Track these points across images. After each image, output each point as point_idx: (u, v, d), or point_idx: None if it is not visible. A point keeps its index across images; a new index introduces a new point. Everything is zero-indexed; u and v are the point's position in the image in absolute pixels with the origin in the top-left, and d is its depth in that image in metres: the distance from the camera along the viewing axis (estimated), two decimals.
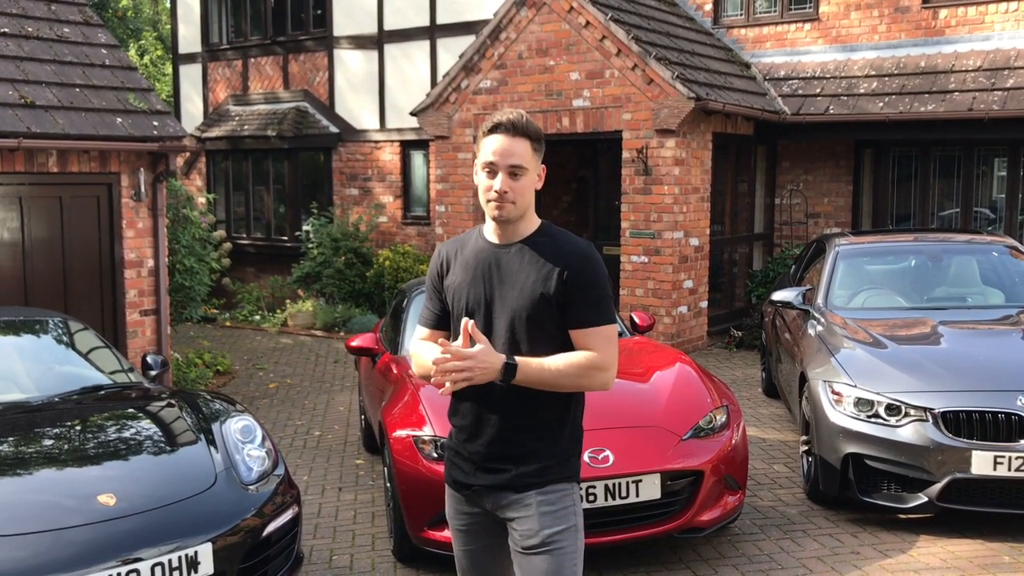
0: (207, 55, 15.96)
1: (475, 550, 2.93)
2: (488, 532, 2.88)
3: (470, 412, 2.81)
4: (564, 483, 2.79)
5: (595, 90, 10.53)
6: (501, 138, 2.73)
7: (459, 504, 2.91)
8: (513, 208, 2.74)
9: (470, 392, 2.78)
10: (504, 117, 2.75)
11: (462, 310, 2.81)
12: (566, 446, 2.81)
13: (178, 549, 3.71)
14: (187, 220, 10.42)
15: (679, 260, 10.35)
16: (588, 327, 2.72)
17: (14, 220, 7.89)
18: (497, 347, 2.73)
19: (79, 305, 8.05)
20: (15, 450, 4.29)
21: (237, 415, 4.64)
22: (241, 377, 10.02)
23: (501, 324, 2.76)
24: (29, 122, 7.67)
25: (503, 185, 2.72)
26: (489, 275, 2.79)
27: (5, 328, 5.61)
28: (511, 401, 2.75)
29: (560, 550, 2.74)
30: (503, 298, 2.76)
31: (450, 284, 2.87)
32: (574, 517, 2.80)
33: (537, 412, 2.76)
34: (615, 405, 4.97)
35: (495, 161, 2.73)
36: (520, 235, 2.80)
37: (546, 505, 2.75)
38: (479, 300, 2.79)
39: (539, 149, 2.78)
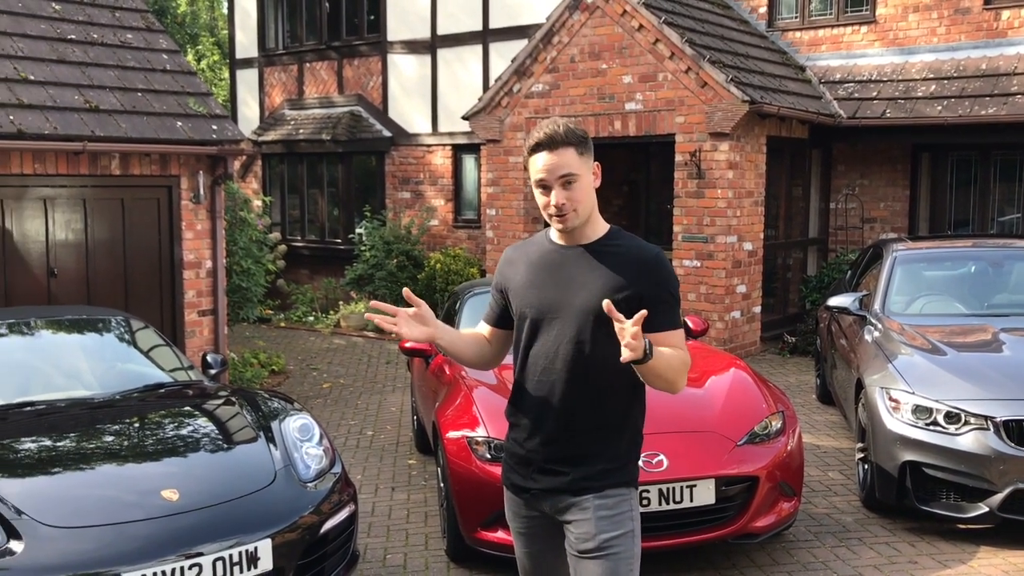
0: (263, 60, 16.22)
1: (536, 552, 2.94)
2: (548, 534, 2.89)
3: (531, 412, 2.82)
4: (622, 488, 2.78)
5: (648, 93, 10.49)
6: (544, 155, 2.73)
7: (518, 507, 2.92)
8: (576, 216, 2.75)
9: (531, 392, 2.80)
10: (541, 134, 2.74)
11: (524, 309, 2.83)
12: (626, 450, 2.81)
13: (238, 544, 3.78)
14: (244, 222, 10.61)
15: (732, 265, 10.27)
16: (665, 330, 2.70)
17: (78, 221, 8.10)
18: (563, 348, 2.74)
19: (139, 305, 8.23)
20: (78, 446, 4.41)
21: (295, 413, 4.71)
22: (295, 377, 10.16)
23: (568, 326, 2.75)
24: (93, 126, 7.87)
25: (559, 198, 2.72)
26: (556, 277, 2.80)
27: (70, 326, 5.76)
28: (573, 402, 2.75)
29: (616, 555, 2.73)
30: (570, 300, 2.75)
31: (515, 286, 2.88)
32: (631, 522, 2.78)
33: (599, 414, 2.76)
34: (670, 410, 4.94)
35: (545, 178, 2.73)
36: (588, 238, 2.80)
37: (604, 509, 2.74)
38: (545, 302, 2.80)
39: (585, 151, 2.77)
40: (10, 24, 8.39)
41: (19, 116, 7.52)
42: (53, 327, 5.68)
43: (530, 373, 2.82)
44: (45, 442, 4.39)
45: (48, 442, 4.39)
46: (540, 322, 2.79)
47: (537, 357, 2.80)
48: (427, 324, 2.80)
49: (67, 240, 8.03)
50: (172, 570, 3.60)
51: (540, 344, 2.79)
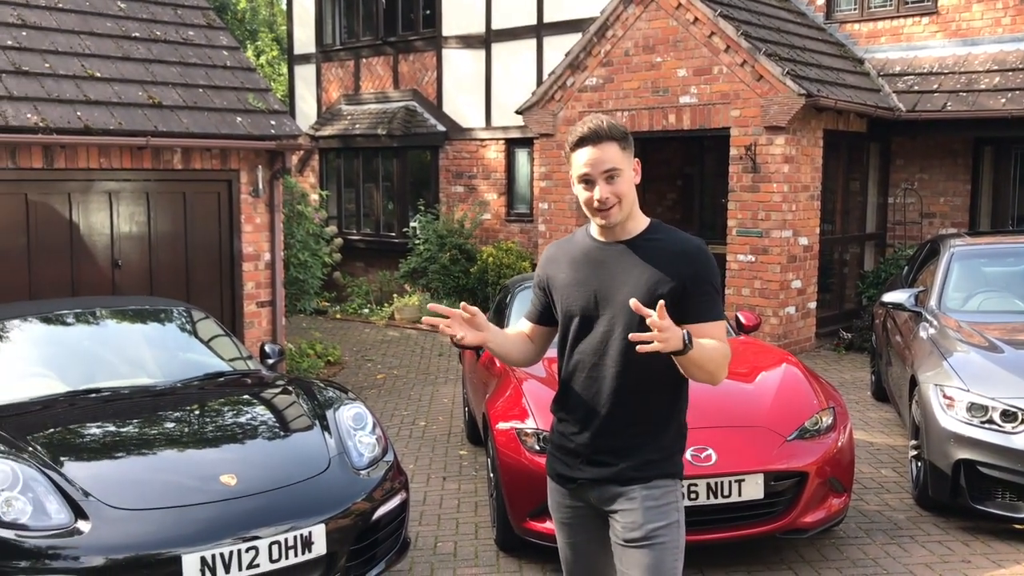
0: (321, 56, 16.45)
1: (578, 542, 2.98)
2: (591, 525, 2.92)
3: (579, 407, 2.85)
4: (668, 479, 2.82)
5: (702, 87, 10.44)
6: (588, 149, 2.76)
7: (562, 497, 2.96)
8: (618, 211, 2.78)
9: (579, 388, 2.84)
10: (585, 128, 2.78)
11: (570, 307, 2.86)
12: (671, 441, 2.84)
13: (293, 529, 3.89)
14: (301, 216, 10.79)
15: (787, 259, 10.18)
16: (707, 322, 2.73)
17: (142, 215, 8.33)
18: (610, 344, 2.78)
19: (200, 296, 8.44)
20: (141, 432, 4.57)
21: (349, 402, 4.82)
22: (350, 368, 10.33)
23: (614, 322, 2.78)
24: (156, 121, 8.09)
25: (603, 192, 2.75)
26: (599, 274, 2.82)
27: (133, 316, 5.94)
28: (620, 397, 2.78)
29: (662, 545, 2.76)
30: (615, 296, 2.78)
31: (558, 284, 2.91)
32: (677, 513, 2.82)
33: (645, 407, 2.79)
34: (719, 404, 4.97)
35: (589, 172, 2.76)
36: (629, 233, 2.83)
37: (651, 500, 2.77)
38: (588, 297, 2.83)
39: (627, 147, 2.80)
40: (78, 23, 8.65)
41: (86, 112, 7.76)
42: (118, 317, 5.86)
43: (577, 369, 2.85)
44: (110, 428, 4.56)
45: (113, 428, 4.56)
46: (586, 319, 2.83)
47: (584, 354, 2.83)
48: (480, 329, 2.85)
49: (131, 232, 8.26)
50: (229, 552, 3.73)
51: (587, 341, 2.83)
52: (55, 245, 7.79)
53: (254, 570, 3.76)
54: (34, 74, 7.82)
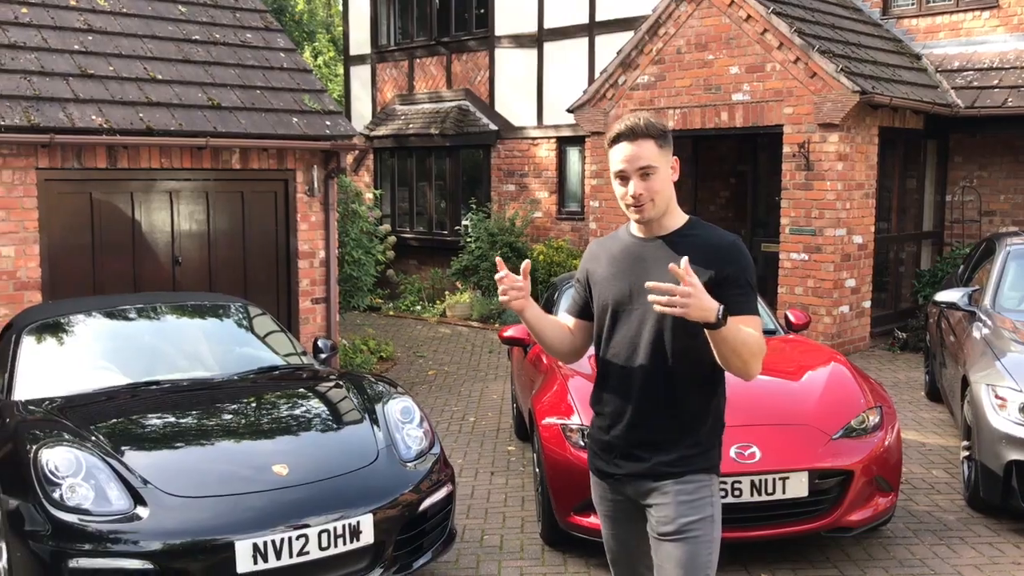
0: (376, 56, 16.66)
1: (620, 534, 3.03)
2: (632, 518, 2.97)
3: (613, 400, 2.90)
4: (703, 474, 2.84)
5: (755, 84, 10.38)
6: (625, 145, 2.81)
7: (604, 491, 3.01)
8: (653, 207, 2.82)
9: (614, 381, 2.89)
10: (623, 126, 2.82)
11: (605, 300, 2.92)
12: (707, 437, 2.86)
13: (342, 518, 4.01)
14: (355, 214, 10.96)
15: (841, 258, 10.07)
16: (741, 315, 2.73)
17: (201, 213, 8.56)
18: (643, 338, 2.82)
19: (257, 292, 8.64)
20: (198, 422, 4.73)
21: (398, 396, 4.93)
22: (402, 364, 10.48)
23: (649, 316, 2.80)
24: (215, 122, 8.31)
25: (637, 189, 2.80)
26: (636, 269, 2.86)
27: (192, 311, 6.13)
28: (654, 390, 2.82)
29: (695, 539, 2.79)
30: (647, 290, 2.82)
31: (597, 279, 2.96)
32: (711, 508, 2.84)
33: (679, 400, 2.82)
34: (764, 402, 4.99)
35: (624, 168, 2.81)
36: (667, 229, 2.87)
37: (684, 494, 2.81)
38: (625, 293, 2.87)
39: (665, 144, 2.83)
40: (140, 27, 8.92)
41: (148, 113, 8.00)
42: (177, 312, 6.06)
43: (612, 363, 2.90)
44: (168, 418, 4.73)
45: (171, 418, 4.73)
46: (621, 313, 2.88)
47: (619, 347, 2.88)
48: (524, 298, 2.90)
49: (190, 230, 8.50)
50: (280, 540, 3.86)
51: (621, 334, 2.87)
52: (118, 242, 8.05)
53: (304, 557, 3.89)
54: (99, 77, 8.09)
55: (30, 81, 7.67)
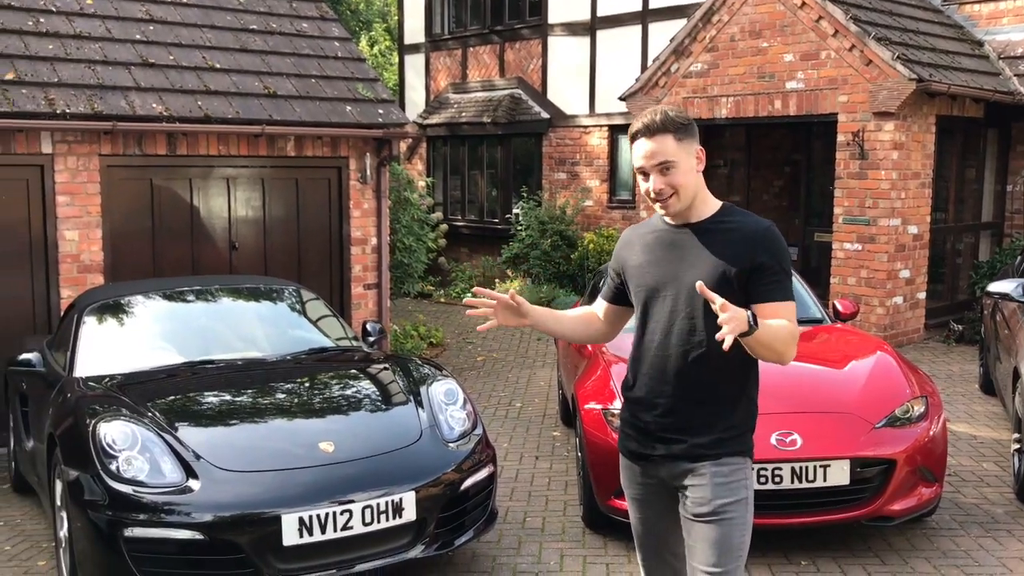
0: (430, 45, 16.79)
1: (649, 517, 3.06)
2: (662, 501, 2.99)
3: (648, 385, 2.93)
4: (738, 456, 2.87)
5: (809, 72, 10.26)
6: (643, 142, 2.84)
7: (634, 474, 3.03)
8: (677, 201, 2.85)
9: (648, 366, 2.93)
10: (640, 123, 2.85)
11: (639, 288, 2.96)
12: (741, 420, 2.89)
13: (386, 495, 4.12)
14: (407, 202, 11.12)
15: (895, 248, 9.94)
16: (777, 302, 2.77)
17: (257, 200, 8.75)
18: (677, 324, 2.86)
19: (311, 277, 8.81)
20: (250, 401, 4.89)
21: (442, 379, 5.03)
22: (452, 350, 10.60)
23: (680, 302, 2.84)
24: (271, 110, 8.48)
25: (656, 184, 2.83)
26: (669, 256, 2.89)
27: (248, 294, 6.30)
28: (688, 376, 2.84)
29: (729, 520, 2.83)
30: (682, 278, 2.84)
31: (630, 266, 3.00)
32: (745, 491, 2.87)
33: (713, 385, 2.84)
34: (807, 390, 4.99)
35: (643, 165, 2.85)
36: (698, 217, 2.89)
37: (720, 476, 2.84)
38: (658, 280, 2.90)
39: (685, 137, 2.84)
40: (200, 16, 9.12)
41: (206, 102, 8.20)
42: (233, 294, 6.23)
43: (646, 348, 2.94)
44: (222, 397, 4.88)
45: (224, 397, 4.88)
46: (654, 300, 2.91)
47: (653, 333, 2.91)
48: (523, 315, 3.01)
49: (247, 216, 8.69)
50: (326, 514, 3.98)
51: (655, 321, 2.91)
52: (177, 227, 8.27)
53: (348, 532, 4.01)
54: (159, 66, 8.30)
55: (94, 70, 7.90)
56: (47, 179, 7.52)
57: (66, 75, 7.68)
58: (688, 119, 2.87)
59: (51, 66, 7.69)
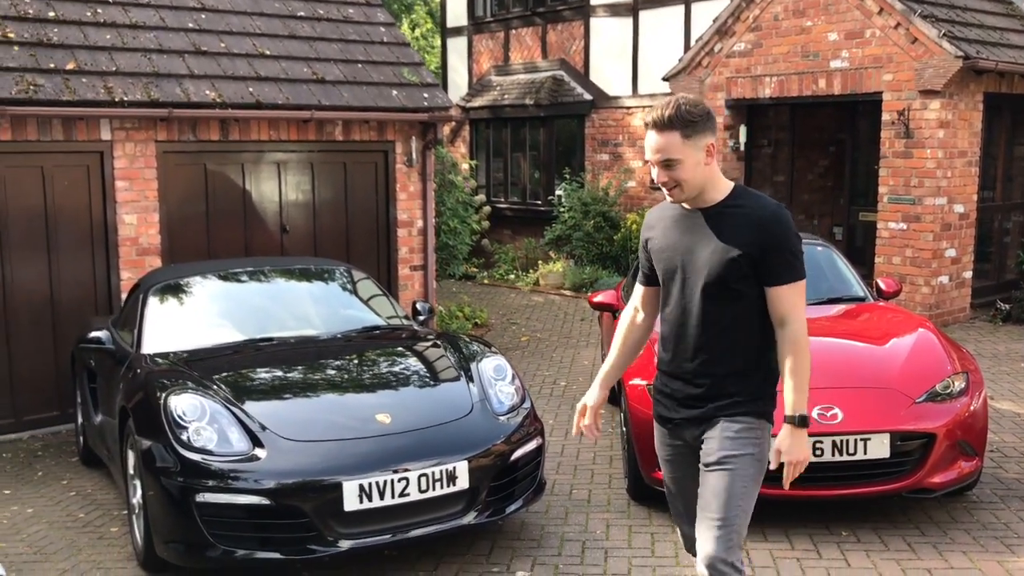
0: (472, 28, 16.90)
1: (680, 478, 3.26)
2: (689, 462, 3.17)
3: (671, 358, 3.13)
4: (752, 417, 3.01)
5: (854, 50, 10.23)
6: (651, 134, 2.95)
7: (664, 437, 3.25)
8: (681, 192, 2.99)
9: (671, 340, 3.11)
10: (650, 115, 2.95)
11: (663, 271, 3.13)
12: (757, 387, 3.04)
13: (439, 464, 4.31)
14: (452, 185, 11.30)
15: (941, 228, 9.91)
16: (781, 284, 2.93)
17: (307, 183, 8.98)
18: (693, 303, 3.02)
19: (358, 259, 9.01)
20: (307, 376, 5.09)
21: (491, 355, 5.20)
22: (496, 330, 10.78)
23: (695, 282, 3.01)
24: (320, 96, 8.68)
25: (660, 177, 2.97)
26: (685, 238, 3.04)
27: (300, 275, 6.52)
28: (706, 350, 3.03)
29: (732, 471, 2.96)
30: (697, 259, 3.00)
31: (654, 246, 3.16)
32: (755, 448, 3.00)
33: (729, 360, 3.02)
34: (848, 366, 5.09)
35: (649, 158, 2.99)
36: (710, 201, 3.01)
37: (729, 431, 3.00)
38: (676, 261, 3.06)
39: (693, 134, 2.91)
40: (250, 4, 9.34)
41: (257, 88, 8.42)
42: (286, 275, 6.45)
43: (669, 324, 3.13)
44: (281, 372, 5.10)
45: (284, 372, 5.10)
46: (674, 279, 3.07)
47: (673, 310, 3.10)
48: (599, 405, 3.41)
49: (297, 200, 8.92)
50: (383, 482, 4.18)
51: (674, 299, 3.08)
52: (230, 211, 8.52)
53: (405, 498, 4.21)
54: (212, 53, 8.54)
55: (149, 59, 8.15)
56: (106, 165, 7.80)
57: (123, 64, 7.94)
58: (701, 114, 2.93)
59: (109, 55, 7.95)
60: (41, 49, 7.62)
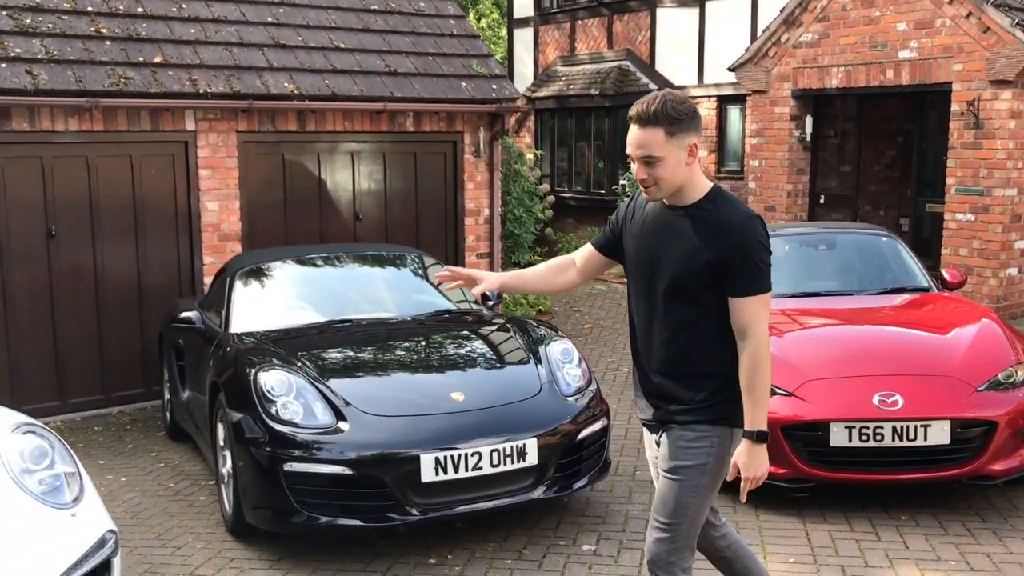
0: (538, 19, 17.06)
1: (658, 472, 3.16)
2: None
3: (638, 355, 3.12)
4: (706, 425, 2.94)
5: (923, 40, 10.17)
6: (634, 129, 2.87)
7: (646, 435, 3.26)
8: (657, 190, 2.89)
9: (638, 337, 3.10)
10: (635, 109, 2.86)
11: (631, 260, 3.08)
12: (712, 394, 2.93)
13: (510, 441, 4.54)
14: (517, 174, 11.50)
15: (1010, 219, 9.82)
16: (741, 296, 2.83)
17: (379, 173, 9.27)
18: (654, 303, 2.97)
19: (427, 247, 9.26)
20: (386, 356, 5.36)
21: (559, 339, 5.41)
22: (559, 317, 10.98)
23: (656, 283, 2.96)
24: (392, 87, 8.95)
25: (639, 174, 2.88)
26: (657, 234, 2.97)
27: (373, 260, 6.80)
28: (662, 351, 2.99)
29: (679, 481, 2.94)
30: (663, 258, 2.94)
31: (629, 232, 3.10)
32: (707, 458, 2.93)
33: (683, 364, 2.96)
34: (910, 354, 5.20)
35: (630, 152, 2.90)
36: (687, 200, 2.92)
37: (682, 440, 2.95)
38: (644, 254, 3.01)
39: (677, 132, 2.82)
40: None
41: (332, 80, 8.72)
42: (360, 260, 6.73)
43: (636, 321, 3.10)
44: (360, 351, 5.37)
45: (362, 351, 5.36)
46: (641, 274, 3.02)
47: (640, 307, 3.07)
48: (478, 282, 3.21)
49: (369, 189, 9.22)
50: (458, 456, 4.42)
51: (641, 295, 3.05)
52: (306, 199, 8.85)
53: (478, 472, 4.44)
54: (290, 47, 8.85)
55: (231, 52, 8.50)
56: (191, 154, 8.16)
57: (207, 57, 8.29)
58: (687, 112, 2.84)
59: (193, 49, 8.31)
60: (131, 43, 8.01)
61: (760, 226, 2.88)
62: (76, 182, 7.62)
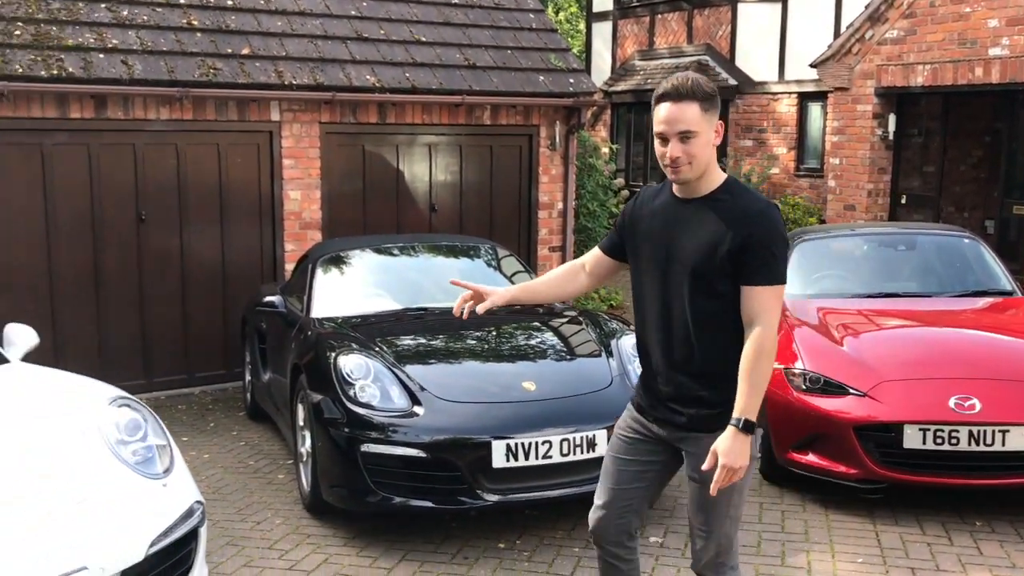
0: (617, 13, 17.03)
1: (625, 460, 3.10)
2: (644, 452, 3.06)
3: (650, 354, 3.02)
4: None
5: (1016, 38, 9.88)
6: (668, 106, 2.81)
7: (633, 421, 3.11)
8: (689, 169, 2.83)
9: (649, 336, 3.02)
10: (669, 85, 2.82)
11: (640, 257, 3.02)
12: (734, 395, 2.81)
13: (579, 431, 4.61)
14: (592, 168, 11.51)
15: None
16: (755, 285, 2.77)
17: (455, 165, 9.40)
18: (670, 299, 2.90)
19: (500, 239, 9.31)
20: (461, 344, 5.47)
21: (630, 333, 5.44)
22: (630, 312, 10.84)
23: (673, 278, 2.90)
24: (470, 81, 9.07)
25: (674, 151, 2.81)
26: (669, 228, 2.92)
27: (448, 250, 6.93)
28: (681, 350, 2.90)
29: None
30: (679, 251, 2.88)
31: (637, 228, 3.05)
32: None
33: (705, 362, 2.88)
34: (989, 357, 5.11)
35: (664, 130, 2.83)
36: (702, 191, 2.89)
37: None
38: (657, 250, 2.95)
39: (710, 108, 2.81)
40: None
41: (413, 73, 8.87)
42: (435, 251, 6.87)
43: (646, 318, 3.01)
44: (435, 339, 5.50)
45: (437, 339, 5.49)
46: (652, 271, 2.96)
47: (652, 306, 2.98)
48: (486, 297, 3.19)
49: (445, 181, 9.35)
50: (528, 443, 4.50)
51: (654, 292, 2.96)
52: (384, 190, 9.02)
53: (547, 460, 4.52)
54: (372, 40, 9.03)
55: (315, 44, 8.70)
56: (275, 144, 8.39)
57: (292, 49, 8.51)
58: (715, 89, 2.85)
59: (279, 41, 8.54)
60: (220, 35, 8.27)
61: (780, 216, 2.87)
62: (166, 169, 7.91)
